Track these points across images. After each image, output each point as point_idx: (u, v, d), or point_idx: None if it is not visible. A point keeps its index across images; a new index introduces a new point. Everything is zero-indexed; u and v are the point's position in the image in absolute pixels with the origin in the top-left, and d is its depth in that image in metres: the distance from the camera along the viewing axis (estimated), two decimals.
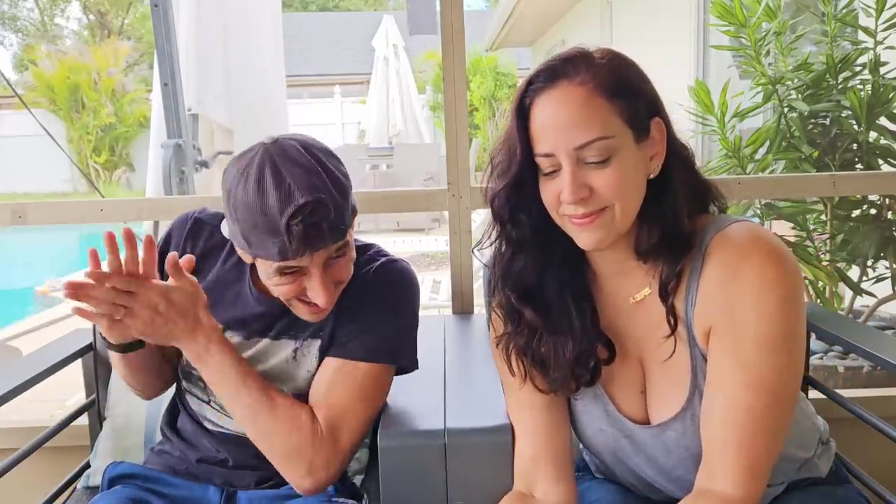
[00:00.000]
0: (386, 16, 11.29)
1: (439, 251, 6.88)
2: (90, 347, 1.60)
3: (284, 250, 0.99)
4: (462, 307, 1.87)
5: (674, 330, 0.95)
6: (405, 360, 1.19)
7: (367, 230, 8.16)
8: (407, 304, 1.20)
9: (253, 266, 1.14)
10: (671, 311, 0.95)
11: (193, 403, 1.24)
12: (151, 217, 2.05)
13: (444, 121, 1.84)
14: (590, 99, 0.89)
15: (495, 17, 12.35)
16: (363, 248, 1.22)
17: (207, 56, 3.24)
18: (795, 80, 2.57)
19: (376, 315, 1.15)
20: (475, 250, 1.10)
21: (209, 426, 1.22)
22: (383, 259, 1.21)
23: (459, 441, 1.11)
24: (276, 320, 1.18)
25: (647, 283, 0.99)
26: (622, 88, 0.91)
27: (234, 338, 1.18)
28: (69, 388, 2.97)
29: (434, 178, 9.04)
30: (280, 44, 3.60)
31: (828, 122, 2.58)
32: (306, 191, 0.98)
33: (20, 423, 1.85)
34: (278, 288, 1.06)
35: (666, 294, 0.95)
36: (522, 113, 0.94)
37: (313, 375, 1.16)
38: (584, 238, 0.93)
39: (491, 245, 1.04)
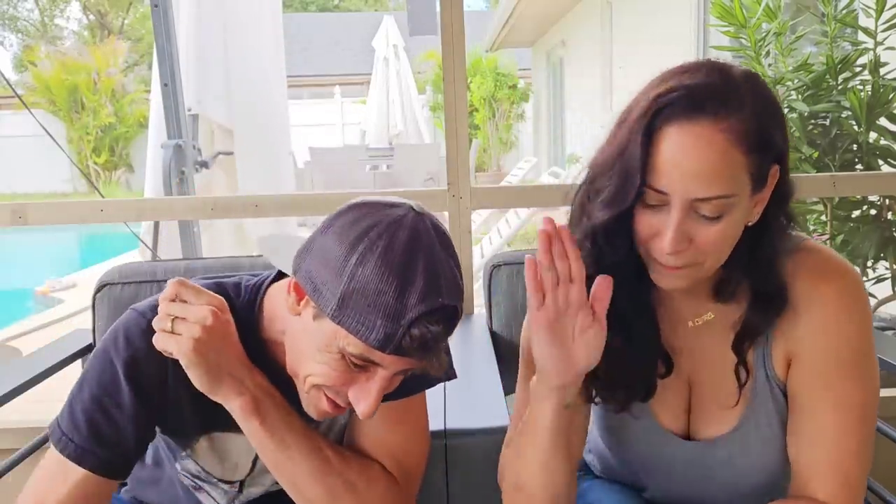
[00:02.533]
0: (386, 16, 11.29)
1: None
2: (90, 347, 1.60)
3: (388, 341, 0.80)
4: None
5: (743, 385, 0.94)
6: (449, 373, 1.05)
7: None
8: None
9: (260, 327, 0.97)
10: (742, 363, 0.94)
11: (210, 499, 1.07)
12: (152, 217, 2.06)
13: (444, 121, 1.84)
14: (728, 151, 0.80)
15: (495, 18, 12.36)
16: None
17: (207, 56, 3.24)
18: (795, 81, 2.57)
19: None
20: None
21: None
22: None
23: (460, 442, 1.11)
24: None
25: (710, 307, 0.97)
26: (762, 142, 0.82)
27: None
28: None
29: (434, 179, 9.04)
30: (280, 44, 3.60)
31: (828, 122, 2.58)
32: (452, 295, 0.84)
33: (20, 423, 1.85)
34: (321, 367, 0.86)
35: (742, 351, 0.93)
36: (650, 131, 0.82)
37: (343, 426, 1.05)
38: (664, 281, 0.89)
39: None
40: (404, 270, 0.80)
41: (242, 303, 0.98)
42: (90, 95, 15.74)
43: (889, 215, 2.51)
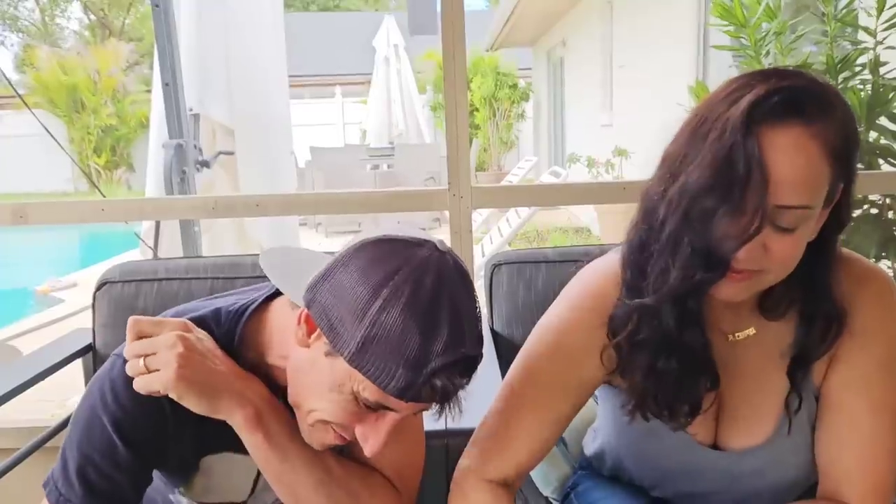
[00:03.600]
0: (387, 16, 11.30)
1: None
2: (90, 347, 1.60)
3: (408, 390, 0.78)
4: None
5: (797, 411, 0.93)
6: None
7: (368, 230, 8.08)
8: None
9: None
10: (795, 390, 0.93)
11: None
12: (153, 217, 2.06)
13: (445, 121, 1.84)
14: (817, 158, 0.77)
15: (496, 17, 12.35)
16: None
17: (208, 56, 3.24)
18: None
19: None
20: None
21: None
22: None
23: (460, 442, 1.11)
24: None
25: (752, 322, 0.95)
26: (845, 152, 0.80)
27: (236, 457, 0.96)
28: (70, 388, 2.97)
29: (435, 178, 9.04)
30: (282, 43, 3.59)
31: None
32: (475, 344, 0.81)
33: (20, 422, 1.85)
34: (330, 406, 0.82)
35: (796, 378, 0.92)
36: (750, 134, 0.77)
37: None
38: (725, 291, 0.85)
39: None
40: (430, 319, 0.77)
41: (221, 332, 0.94)
42: (91, 95, 15.75)
43: (890, 214, 2.51)
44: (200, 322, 0.93)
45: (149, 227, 3.18)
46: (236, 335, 0.93)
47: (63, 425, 1.45)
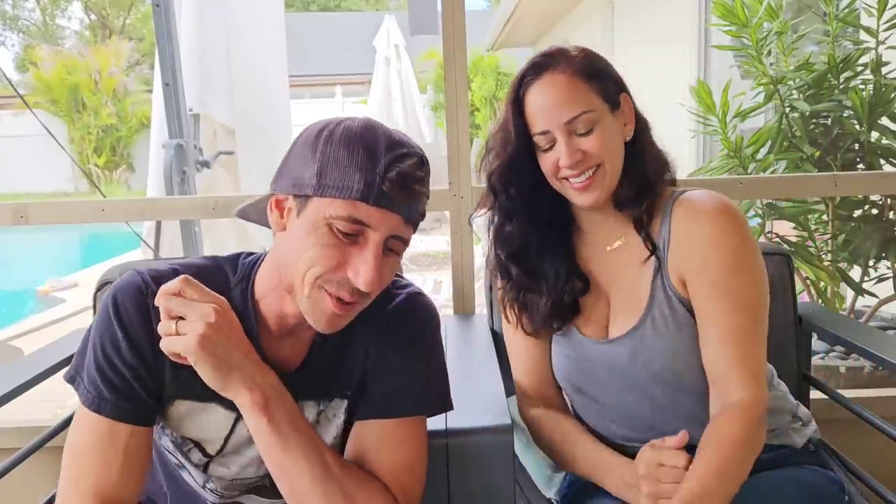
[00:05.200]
0: (387, 16, 11.27)
1: (440, 251, 6.88)
2: None
3: (369, 189, 0.85)
4: (463, 307, 1.87)
5: (652, 252, 1.14)
6: (448, 402, 1.06)
7: None
8: (438, 340, 1.07)
9: (258, 322, 0.98)
10: (647, 239, 1.15)
11: (192, 479, 1.05)
12: (153, 217, 2.05)
13: (446, 121, 1.84)
14: (571, 82, 1.11)
15: (497, 17, 12.34)
16: None
17: (209, 56, 3.24)
18: (797, 80, 2.57)
19: (412, 362, 1.02)
20: (471, 217, 1.41)
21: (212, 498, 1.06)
22: (405, 293, 1.06)
23: (461, 441, 1.11)
24: (290, 378, 0.97)
25: (622, 233, 1.20)
26: (595, 72, 1.13)
27: None
28: (71, 388, 2.96)
29: (435, 178, 9.04)
30: (282, 43, 3.60)
31: (829, 122, 2.58)
32: (416, 148, 0.92)
33: (21, 422, 1.85)
34: (313, 250, 0.88)
35: (641, 226, 1.16)
36: (518, 102, 1.15)
37: (340, 441, 1.04)
38: (583, 198, 1.13)
39: (484, 214, 1.26)
40: (369, 135, 0.89)
41: (238, 277, 1.01)
42: (91, 95, 15.76)
43: (891, 215, 2.51)
44: (218, 268, 1.01)
45: (150, 228, 3.18)
46: (251, 280, 1.00)
47: (63, 425, 1.45)
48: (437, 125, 13.70)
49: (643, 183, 1.16)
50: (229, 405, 0.95)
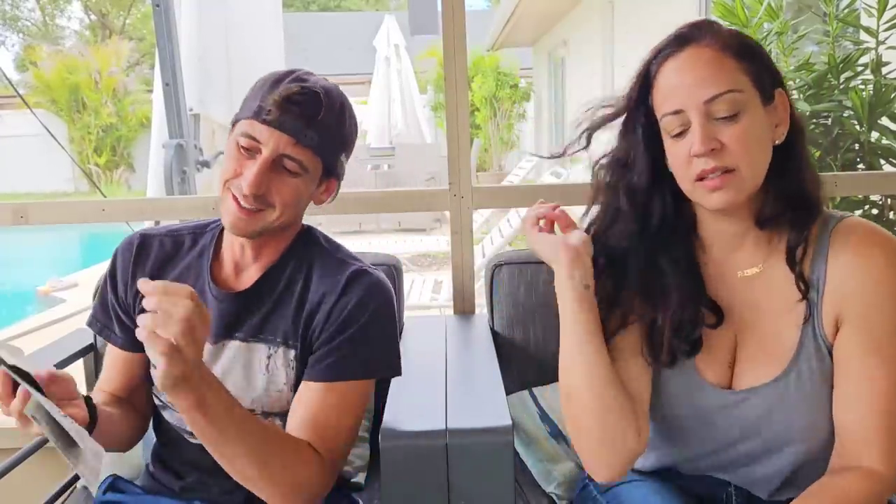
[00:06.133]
0: (387, 16, 11.28)
1: (440, 251, 6.87)
2: (91, 347, 1.60)
3: (260, 110, 1.05)
4: (463, 307, 1.87)
5: (805, 295, 0.96)
6: (394, 370, 1.16)
7: (368, 230, 8.15)
8: (388, 312, 1.15)
9: (213, 259, 1.18)
10: (800, 278, 0.96)
11: (173, 419, 1.18)
12: (153, 217, 2.05)
13: (446, 121, 1.84)
14: (718, 57, 0.92)
15: (497, 17, 12.35)
16: (333, 248, 1.20)
17: (209, 56, 3.25)
18: (797, 81, 2.57)
19: (360, 329, 1.10)
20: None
21: (193, 439, 1.15)
22: (355, 267, 1.15)
23: (461, 441, 1.11)
24: (242, 319, 1.12)
25: (759, 259, 1.01)
26: (748, 51, 0.94)
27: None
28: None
29: (435, 178, 9.04)
30: (281, 43, 3.60)
31: (829, 122, 2.58)
32: (315, 85, 1.07)
33: None
34: (227, 162, 1.09)
35: (794, 260, 0.97)
36: (646, 81, 0.98)
37: (284, 392, 1.13)
38: (714, 199, 0.93)
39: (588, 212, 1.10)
40: (279, 73, 1.09)
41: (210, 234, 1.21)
42: (91, 95, 15.74)
43: (891, 215, 2.51)
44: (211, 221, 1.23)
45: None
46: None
47: None
48: (437, 125, 13.68)
49: (798, 200, 0.96)
50: None
